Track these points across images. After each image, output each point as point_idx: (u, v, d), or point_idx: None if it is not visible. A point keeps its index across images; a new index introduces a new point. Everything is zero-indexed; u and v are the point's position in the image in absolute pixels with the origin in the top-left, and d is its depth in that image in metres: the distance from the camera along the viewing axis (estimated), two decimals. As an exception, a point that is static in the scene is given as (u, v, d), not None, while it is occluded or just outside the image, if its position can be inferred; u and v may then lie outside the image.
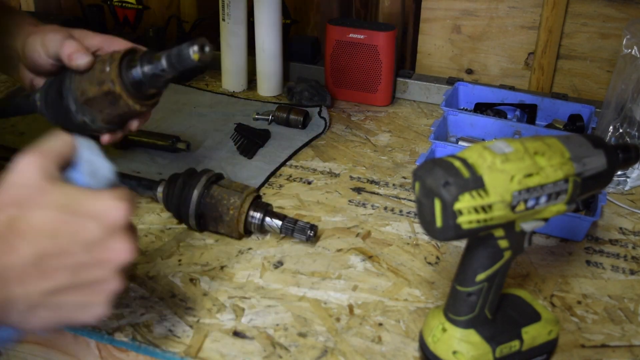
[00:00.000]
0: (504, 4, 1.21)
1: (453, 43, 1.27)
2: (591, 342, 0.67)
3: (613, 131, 0.97)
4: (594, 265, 0.79)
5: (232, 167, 0.98)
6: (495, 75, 1.27)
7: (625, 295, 0.74)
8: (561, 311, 0.71)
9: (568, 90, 1.22)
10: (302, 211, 0.87)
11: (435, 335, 0.59)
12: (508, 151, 0.51)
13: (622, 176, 0.95)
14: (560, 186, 0.53)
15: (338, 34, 1.18)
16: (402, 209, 0.89)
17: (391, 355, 0.64)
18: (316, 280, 0.74)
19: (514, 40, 1.23)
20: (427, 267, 0.77)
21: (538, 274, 0.77)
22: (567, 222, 0.81)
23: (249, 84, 1.28)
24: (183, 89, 1.27)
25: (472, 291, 0.56)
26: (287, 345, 0.65)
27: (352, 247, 0.81)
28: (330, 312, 0.69)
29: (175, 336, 0.65)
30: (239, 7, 1.19)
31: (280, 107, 1.12)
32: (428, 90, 1.24)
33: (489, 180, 0.49)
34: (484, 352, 0.58)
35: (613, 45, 1.16)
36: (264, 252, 0.79)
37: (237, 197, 0.78)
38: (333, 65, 1.21)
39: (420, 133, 1.12)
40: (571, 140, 0.56)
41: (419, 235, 0.83)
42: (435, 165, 0.50)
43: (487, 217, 0.50)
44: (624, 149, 0.60)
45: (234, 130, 1.09)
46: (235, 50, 1.22)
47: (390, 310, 0.70)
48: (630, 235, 0.85)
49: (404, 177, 0.98)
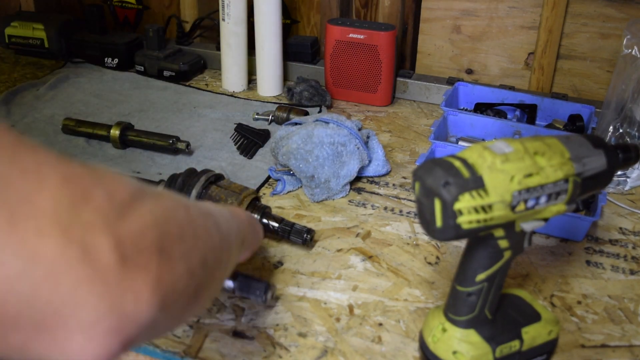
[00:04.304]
0: (504, 4, 1.21)
1: (453, 43, 1.27)
2: (591, 342, 0.67)
3: (613, 131, 0.97)
4: (594, 265, 0.79)
5: (232, 167, 0.98)
6: (495, 75, 1.27)
7: (625, 295, 0.74)
8: (561, 311, 0.71)
9: (568, 90, 1.22)
10: (302, 211, 0.87)
11: (435, 335, 0.59)
12: (508, 151, 0.51)
13: (622, 176, 0.94)
14: (560, 186, 0.53)
15: (338, 34, 1.18)
16: (402, 209, 0.89)
17: (391, 355, 0.64)
18: (316, 280, 0.74)
19: (514, 40, 1.23)
20: (427, 267, 0.77)
21: (538, 274, 0.77)
22: (567, 222, 0.81)
23: (249, 84, 1.28)
24: (183, 89, 1.27)
25: (472, 291, 0.56)
26: (287, 345, 0.65)
27: (352, 247, 0.81)
28: (330, 312, 0.69)
29: (175, 336, 0.65)
30: (239, 7, 1.19)
31: (280, 107, 1.12)
32: (428, 90, 1.24)
33: (489, 180, 0.49)
34: (484, 352, 0.58)
35: (613, 45, 1.16)
36: (263, 252, 0.79)
37: (234, 199, 0.78)
38: (333, 65, 1.21)
39: (420, 133, 1.12)
40: (571, 140, 0.56)
41: (419, 235, 0.83)
42: (435, 165, 0.50)
43: (487, 217, 0.50)
44: (624, 149, 0.60)
45: (234, 130, 1.08)
46: (235, 50, 1.22)
47: (390, 310, 0.70)
48: (630, 235, 0.85)
49: (404, 177, 0.98)
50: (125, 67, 1.35)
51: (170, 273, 0.35)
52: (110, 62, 1.35)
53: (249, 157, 1.01)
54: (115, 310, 0.32)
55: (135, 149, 1.03)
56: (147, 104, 1.19)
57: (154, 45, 1.30)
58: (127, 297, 0.32)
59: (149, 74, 1.31)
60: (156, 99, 1.21)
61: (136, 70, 1.33)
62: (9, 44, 1.41)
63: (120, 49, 1.34)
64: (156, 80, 1.30)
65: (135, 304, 0.32)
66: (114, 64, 1.35)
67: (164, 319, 0.35)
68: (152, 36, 1.29)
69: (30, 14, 1.47)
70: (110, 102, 1.20)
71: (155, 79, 1.30)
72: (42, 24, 1.38)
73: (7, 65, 1.38)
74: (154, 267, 0.34)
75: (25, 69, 1.36)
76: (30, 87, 1.25)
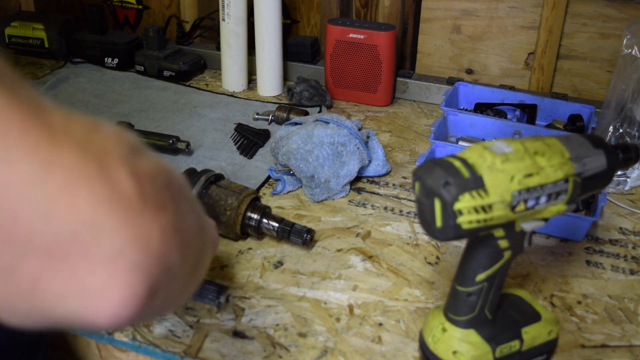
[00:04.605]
0: (504, 4, 1.21)
1: (453, 43, 1.27)
2: (591, 342, 0.67)
3: (613, 131, 0.97)
4: (594, 265, 0.79)
5: (232, 167, 0.98)
6: (495, 75, 1.27)
7: (625, 295, 0.74)
8: (561, 311, 0.71)
9: (568, 90, 1.22)
10: (302, 211, 0.87)
11: (435, 335, 0.59)
12: (508, 151, 0.51)
13: (622, 176, 0.94)
14: (560, 186, 0.53)
15: (338, 34, 1.18)
16: (402, 209, 0.89)
17: (391, 355, 0.64)
18: (316, 280, 0.74)
19: (514, 40, 1.23)
20: (427, 267, 0.77)
21: (538, 274, 0.77)
22: (567, 222, 0.81)
23: (249, 84, 1.28)
24: (183, 89, 1.27)
25: (472, 291, 0.56)
26: (287, 345, 0.65)
27: (352, 247, 0.81)
28: (330, 312, 0.69)
29: (175, 336, 0.65)
30: (239, 7, 1.19)
31: (280, 107, 1.12)
32: (428, 90, 1.24)
33: (489, 180, 0.49)
34: (484, 352, 0.58)
35: (613, 45, 1.16)
36: (264, 252, 0.79)
37: (234, 199, 0.78)
38: (333, 65, 1.21)
39: (420, 133, 1.12)
40: (571, 140, 0.56)
41: (419, 235, 0.83)
42: (435, 165, 0.50)
43: (487, 217, 0.50)
44: (624, 149, 0.60)
45: (234, 130, 1.08)
46: (235, 50, 1.22)
47: (390, 310, 0.70)
48: (630, 235, 0.85)
49: (404, 177, 0.97)
50: (125, 67, 1.35)
51: (183, 222, 0.32)
52: (110, 62, 1.35)
53: (249, 157, 1.01)
54: (140, 240, 0.28)
55: (135, 149, 1.03)
56: (147, 104, 1.19)
57: (154, 45, 1.30)
58: (153, 230, 0.28)
59: (149, 74, 1.31)
60: (156, 99, 1.21)
61: (136, 70, 1.33)
62: (9, 44, 1.41)
63: (120, 49, 1.34)
64: (156, 80, 1.30)
65: (160, 240, 0.29)
66: (114, 64, 1.35)
67: (180, 273, 0.32)
68: (152, 36, 1.29)
69: (30, 14, 1.47)
70: (110, 102, 1.20)
71: (155, 79, 1.30)
72: (42, 24, 1.38)
73: (7, 65, 1.37)
74: (172, 210, 0.30)
75: (25, 69, 1.36)
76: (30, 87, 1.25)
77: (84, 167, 0.26)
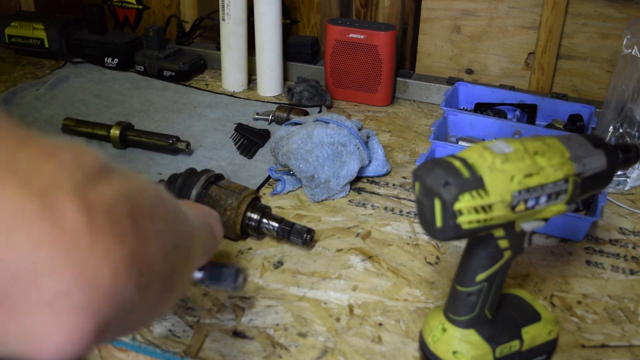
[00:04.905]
0: (504, 4, 1.21)
1: (453, 43, 1.27)
2: (591, 342, 0.67)
3: (613, 131, 0.97)
4: (594, 265, 0.79)
5: (232, 167, 0.98)
6: (495, 75, 1.27)
7: (625, 295, 0.74)
8: (561, 311, 0.71)
9: (568, 90, 1.22)
10: (302, 211, 0.87)
11: (435, 335, 0.59)
12: (508, 151, 0.51)
13: (622, 176, 0.94)
14: (560, 186, 0.53)
15: (338, 34, 1.18)
16: (402, 209, 0.89)
17: (391, 355, 0.64)
18: (316, 280, 0.74)
19: (514, 40, 1.23)
20: (427, 267, 0.77)
21: (538, 274, 0.77)
22: (567, 222, 0.81)
23: (249, 84, 1.28)
24: (183, 89, 1.27)
25: (472, 291, 0.56)
26: (287, 345, 0.65)
27: (352, 247, 0.81)
28: (330, 312, 0.69)
29: (175, 336, 0.65)
30: (239, 7, 1.19)
31: (280, 107, 1.12)
32: (428, 90, 1.24)
33: (489, 180, 0.49)
34: (484, 352, 0.58)
35: (613, 45, 1.16)
36: (264, 252, 0.79)
37: (234, 198, 0.78)
38: (333, 65, 1.21)
39: (420, 133, 1.12)
40: (571, 140, 0.56)
41: (419, 235, 0.83)
42: (435, 165, 0.50)
43: (487, 217, 0.50)
44: (624, 149, 0.60)
45: (234, 130, 1.08)
46: (235, 50, 1.22)
47: (390, 310, 0.70)
48: (630, 235, 0.85)
49: (404, 177, 0.97)
50: (125, 67, 1.35)
51: (146, 250, 0.31)
52: (110, 62, 1.35)
53: (249, 157, 1.01)
54: (86, 280, 0.26)
55: (135, 148, 1.03)
56: (147, 104, 1.19)
57: (154, 45, 1.30)
58: (102, 267, 0.27)
59: (149, 74, 1.31)
60: (156, 99, 1.21)
61: (136, 70, 1.33)
62: (9, 44, 1.41)
63: (120, 49, 1.34)
64: (156, 80, 1.30)
65: (111, 277, 0.27)
66: (114, 64, 1.35)
67: (140, 304, 0.31)
68: (152, 36, 1.29)
69: (30, 14, 1.47)
70: (110, 102, 1.20)
71: (155, 79, 1.30)
72: (42, 24, 1.38)
73: (7, 65, 1.38)
74: (130, 240, 0.29)
75: (25, 69, 1.36)
76: (30, 87, 1.25)
77: (23, 207, 0.26)
